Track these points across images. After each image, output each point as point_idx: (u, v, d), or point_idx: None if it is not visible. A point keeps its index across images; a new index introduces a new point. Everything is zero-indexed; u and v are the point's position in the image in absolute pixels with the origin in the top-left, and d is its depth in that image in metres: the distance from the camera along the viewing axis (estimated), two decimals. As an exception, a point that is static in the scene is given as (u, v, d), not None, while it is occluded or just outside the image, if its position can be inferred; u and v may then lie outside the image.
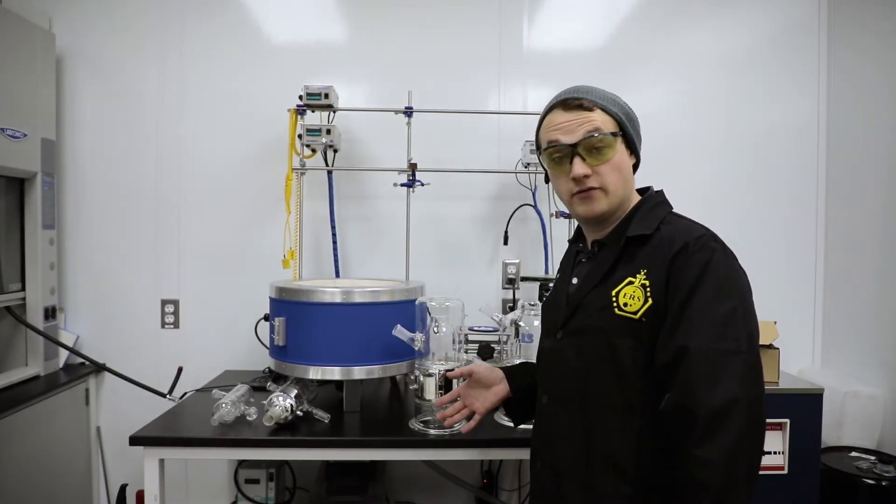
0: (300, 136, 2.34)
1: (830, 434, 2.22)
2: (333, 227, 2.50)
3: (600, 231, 1.23)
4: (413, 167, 2.37)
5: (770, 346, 2.08)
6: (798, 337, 2.60)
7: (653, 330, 1.08)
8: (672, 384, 1.02)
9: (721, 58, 2.63)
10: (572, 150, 1.15)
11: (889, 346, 2.25)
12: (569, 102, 1.18)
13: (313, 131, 2.32)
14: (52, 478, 2.26)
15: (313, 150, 2.40)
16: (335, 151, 2.46)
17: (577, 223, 1.33)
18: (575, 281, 1.24)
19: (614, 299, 1.12)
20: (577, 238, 1.32)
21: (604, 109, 1.17)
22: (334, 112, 2.41)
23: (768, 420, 2.02)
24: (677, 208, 1.24)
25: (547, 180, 1.30)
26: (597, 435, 1.13)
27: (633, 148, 1.21)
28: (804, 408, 1.99)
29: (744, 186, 2.63)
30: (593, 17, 2.64)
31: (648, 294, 1.09)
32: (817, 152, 2.64)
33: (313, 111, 2.38)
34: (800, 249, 2.65)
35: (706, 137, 2.64)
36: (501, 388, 1.39)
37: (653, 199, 1.22)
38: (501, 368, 1.44)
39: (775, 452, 1.98)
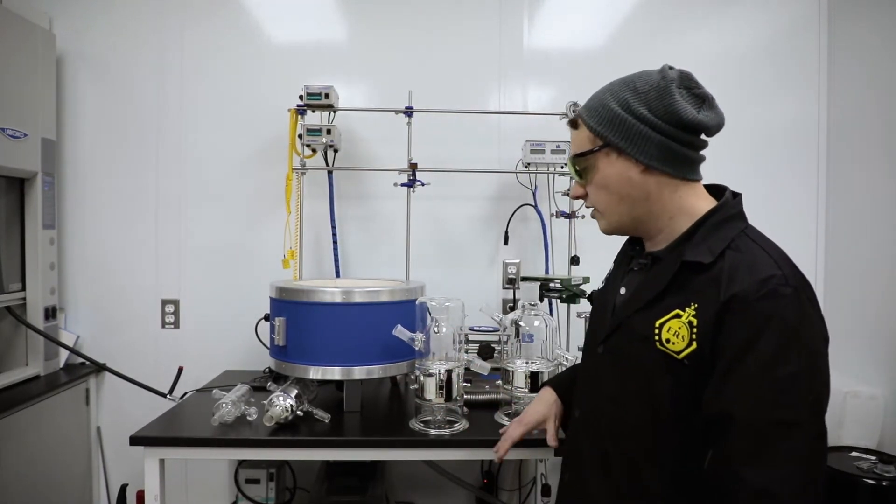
0: (300, 136, 2.33)
1: (830, 434, 2.20)
2: (334, 227, 2.50)
3: (656, 240, 1.10)
4: (413, 167, 2.36)
5: (770, 346, 2.09)
6: (798, 337, 2.60)
7: (696, 375, 0.95)
8: (714, 446, 0.91)
9: (721, 57, 2.63)
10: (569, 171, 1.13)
11: (889, 346, 2.25)
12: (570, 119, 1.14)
13: (313, 131, 2.32)
14: (53, 478, 2.26)
15: (314, 150, 2.40)
16: (335, 151, 2.46)
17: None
18: (623, 291, 1.12)
19: (657, 331, 0.99)
20: (632, 240, 1.20)
21: (585, 123, 1.08)
22: (334, 112, 2.41)
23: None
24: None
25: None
26: (627, 468, 1.04)
27: (639, 153, 1.02)
28: (804, 408, 1.99)
29: (743, 186, 2.60)
30: (594, 16, 2.64)
31: (694, 336, 0.95)
32: (817, 152, 2.64)
33: (314, 111, 2.38)
34: (799, 249, 2.63)
35: (706, 137, 2.64)
36: (557, 406, 1.36)
37: (725, 211, 1.04)
38: (549, 384, 1.42)
39: (775, 452, 1.98)
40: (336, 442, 1.70)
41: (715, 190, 1.11)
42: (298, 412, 1.74)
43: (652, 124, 1.02)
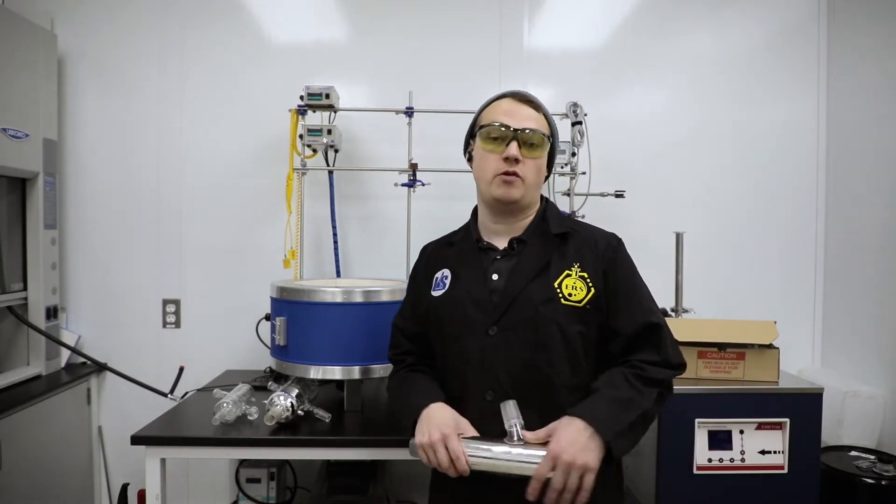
0: (301, 137, 2.34)
1: (830, 434, 2.22)
2: (334, 227, 2.50)
3: (507, 224, 1.35)
4: (414, 167, 2.37)
5: (770, 346, 2.08)
6: (798, 337, 2.60)
7: (596, 314, 1.27)
8: (642, 348, 1.25)
9: (721, 58, 2.63)
10: (513, 134, 1.27)
11: (889, 346, 2.25)
12: (519, 96, 1.34)
13: (314, 131, 2.32)
14: (54, 477, 2.27)
15: (314, 151, 2.40)
16: (336, 151, 2.46)
17: (469, 223, 1.48)
18: (496, 277, 1.30)
19: (558, 290, 1.25)
20: (478, 239, 1.39)
21: (546, 116, 1.34)
22: (335, 112, 2.42)
23: (768, 419, 2.01)
24: (679, 208, 1.26)
25: (470, 161, 1.43)
26: (556, 417, 1.18)
27: (551, 161, 1.38)
28: (804, 407, 1.99)
29: (744, 186, 2.63)
30: (594, 17, 2.64)
31: (590, 284, 1.27)
32: (817, 152, 2.65)
33: (314, 111, 2.38)
34: (800, 249, 2.65)
35: (706, 137, 2.64)
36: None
37: (553, 206, 1.41)
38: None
39: (775, 452, 1.98)
40: (336, 441, 1.71)
41: None
42: (299, 412, 1.75)
43: (556, 143, 1.38)
